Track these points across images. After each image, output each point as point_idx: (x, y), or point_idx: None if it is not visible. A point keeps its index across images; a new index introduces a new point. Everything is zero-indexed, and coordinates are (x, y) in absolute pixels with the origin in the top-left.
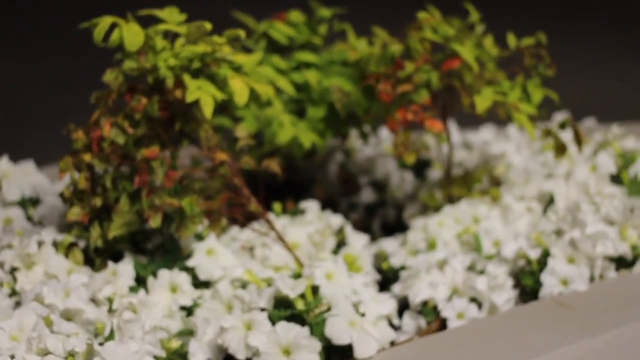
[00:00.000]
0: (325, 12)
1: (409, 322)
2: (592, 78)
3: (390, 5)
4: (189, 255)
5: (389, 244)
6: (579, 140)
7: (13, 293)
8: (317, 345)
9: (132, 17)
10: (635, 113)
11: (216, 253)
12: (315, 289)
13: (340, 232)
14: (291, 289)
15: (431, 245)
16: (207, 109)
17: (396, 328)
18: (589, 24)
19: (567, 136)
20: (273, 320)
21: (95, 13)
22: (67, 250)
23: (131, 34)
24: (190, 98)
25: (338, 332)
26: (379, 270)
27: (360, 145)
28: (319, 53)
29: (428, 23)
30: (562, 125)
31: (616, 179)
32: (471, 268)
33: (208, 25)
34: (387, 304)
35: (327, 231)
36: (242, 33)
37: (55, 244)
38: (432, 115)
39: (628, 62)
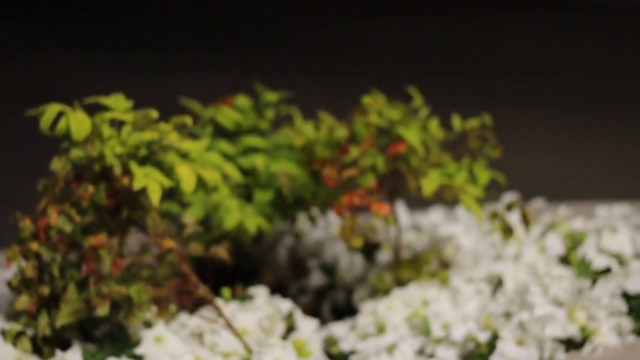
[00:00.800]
0: (271, 96)
1: None
2: (542, 157)
3: (336, 89)
4: (137, 343)
5: (338, 328)
6: (526, 221)
7: None
8: None
9: (79, 105)
10: (584, 192)
11: (165, 340)
12: None
13: (289, 317)
14: None
15: (380, 329)
16: (155, 196)
17: None
18: (536, 104)
19: (515, 217)
20: None
21: (42, 99)
22: (15, 339)
23: (78, 122)
24: (137, 185)
25: None
26: (329, 354)
27: (309, 228)
28: (266, 137)
29: (373, 107)
30: (509, 207)
31: (565, 260)
32: (420, 352)
33: (154, 113)
34: None
35: (276, 316)
36: (188, 120)
37: (4, 333)
38: (379, 199)
39: (577, 141)
